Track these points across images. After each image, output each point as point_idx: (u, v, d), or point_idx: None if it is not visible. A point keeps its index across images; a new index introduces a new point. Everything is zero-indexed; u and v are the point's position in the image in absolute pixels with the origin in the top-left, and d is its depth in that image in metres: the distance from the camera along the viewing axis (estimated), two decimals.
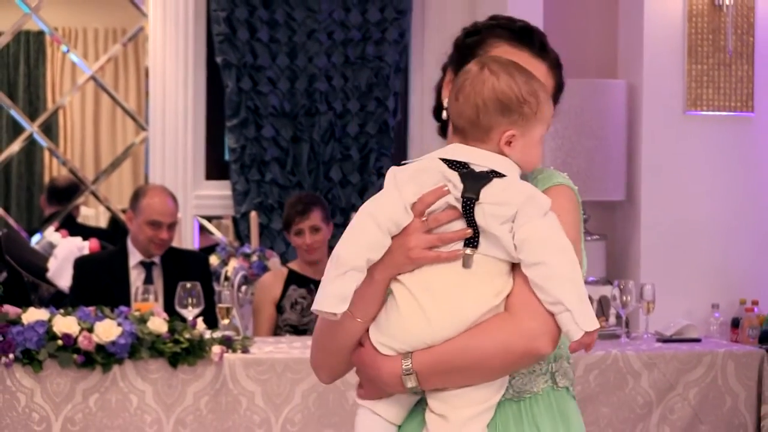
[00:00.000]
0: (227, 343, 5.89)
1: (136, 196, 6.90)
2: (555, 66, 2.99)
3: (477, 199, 2.68)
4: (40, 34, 11.76)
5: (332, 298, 2.69)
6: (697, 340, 6.66)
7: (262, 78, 7.94)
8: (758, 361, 6.30)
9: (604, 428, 6.16)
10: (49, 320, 5.74)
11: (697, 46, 7.89)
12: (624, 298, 6.63)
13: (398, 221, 2.72)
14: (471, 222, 2.69)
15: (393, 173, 2.78)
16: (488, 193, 2.68)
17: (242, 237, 7.92)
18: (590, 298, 6.95)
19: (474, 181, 2.70)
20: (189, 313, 6.00)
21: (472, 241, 2.69)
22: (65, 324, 5.72)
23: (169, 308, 6.15)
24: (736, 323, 7.75)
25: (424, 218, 2.72)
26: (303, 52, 7.98)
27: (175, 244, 7.33)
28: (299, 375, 5.83)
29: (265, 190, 7.99)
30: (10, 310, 5.82)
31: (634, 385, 6.20)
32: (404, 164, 2.80)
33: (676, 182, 7.82)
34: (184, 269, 6.75)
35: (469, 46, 2.97)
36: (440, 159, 2.75)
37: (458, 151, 2.77)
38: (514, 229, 2.66)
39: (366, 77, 8.06)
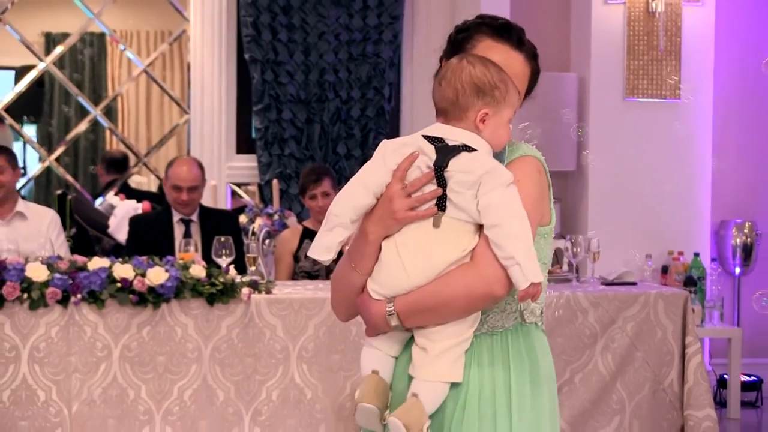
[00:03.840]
0: (254, 285, 5.88)
1: (168, 166, 6.89)
2: (531, 57, 2.96)
3: (446, 167, 2.69)
4: (102, 35, 11.72)
5: (321, 247, 2.78)
6: (634, 284, 6.65)
7: (282, 71, 7.91)
8: (683, 301, 6.30)
9: (559, 355, 6.16)
10: (110, 267, 5.73)
11: (635, 45, 7.87)
12: (575, 249, 6.64)
13: (382, 184, 2.76)
14: (441, 187, 2.70)
15: (381, 146, 2.80)
16: (456, 163, 2.69)
17: (266, 200, 7.91)
18: None
19: (445, 153, 2.71)
20: (223, 261, 5.99)
21: (441, 205, 2.70)
22: (123, 270, 5.72)
23: (207, 257, 6.15)
24: (665, 270, 7.76)
25: (404, 185, 2.73)
26: (315, 50, 7.95)
27: (212, 205, 7.33)
28: (312, 312, 5.84)
29: (285, 162, 7.97)
30: (78, 258, 5.81)
31: (583, 320, 6.20)
32: (393, 140, 2.82)
33: (617, 156, 7.82)
34: (218, 225, 6.75)
35: (459, 41, 2.95)
36: (421, 135, 2.76)
37: (437, 129, 2.77)
38: (478, 197, 2.66)
39: (366, 71, 8.04)
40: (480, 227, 2.70)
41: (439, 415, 2.80)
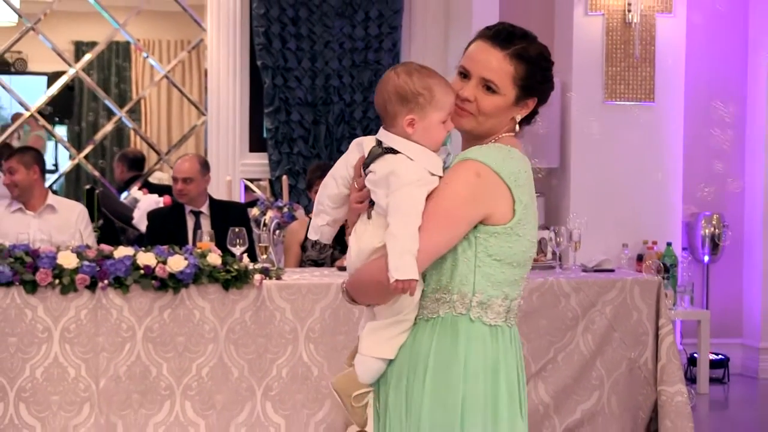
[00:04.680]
0: (265, 272, 5.88)
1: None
2: (514, 55, 2.83)
3: (368, 168, 2.74)
4: (127, 44, 11.72)
5: (311, 229, 2.95)
6: (612, 271, 6.65)
7: (291, 77, 7.91)
8: (656, 286, 6.30)
9: (543, 335, 6.17)
10: (134, 255, 5.73)
11: (613, 52, 7.87)
12: (558, 239, 6.63)
13: (345, 177, 2.83)
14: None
15: (352, 143, 2.86)
16: (375, 164, 2.72)
17: (276, 194, 7.91)
18: None
19: (372, 156, 2.75)
20: (237, 250, 5.99)
21: (371, 200, 2.74)
22: (146, 258, 5.72)
23: (221, 246, 6.15)
24: (640, 258, 7.76)
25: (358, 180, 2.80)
26: (321, 57, 7.94)
27: (226, 199, 7.33)
28: (318, 296, 5.84)
29: (293, 160, 7.97)
30: (105, 247, 5.82)
31: (565, 303, 6.19)
32: (358, 138, 2.87)
33: (596, 154, 7.82)
34: (227, 216, 6.78)
35: (467, 47, 2.90)
36: (376, 137, 2.79)
37: (381, 133, 2.79)
38: (387, 196, 2.68)
39: (368, 76, 8.03)
40: None
41: (382, 387, 2.81)
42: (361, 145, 2.80)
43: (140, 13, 8.56)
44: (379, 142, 2.75)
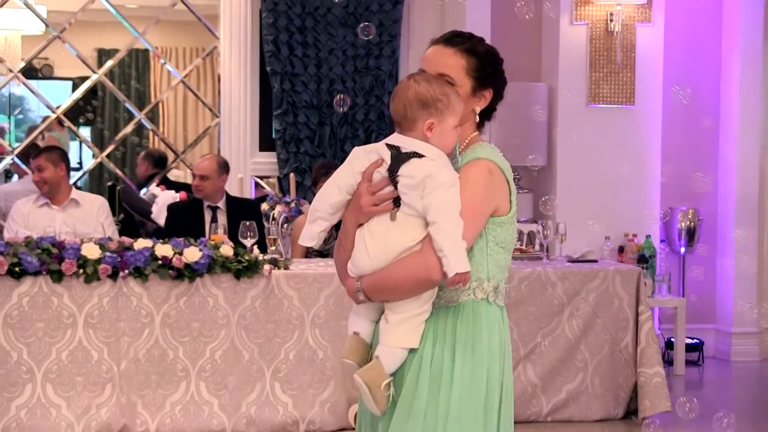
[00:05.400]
0: (274, 262, 5.88)
1: None
2: (464, 50, 2.85)
3: (397, 172, 2.72)
4: (146, 51, 11.72)
5: (306, 236, 2.86)
6: (595, 261, 6.65)
7: (298, 81, 7.89)
8: (636, 275, 6.30)
9: (532, 321, 6.17)
10: (153, 247, 5.73)
11: (596, 59, 7.86)
12: (545, 232, 6.63)
13: (350, 185, 2.80)
14: (394, 188, 2.73)
15: (352, 152, 2.84)
16: (404, 168, 2.72)
17: (284, 190, 7.90)
18: (521, 232, 6.97)
19: (398, 160, 2.73)
20: (248, 242, 5.98)
21: (396, 202, 2.73)
22: (164, 249, 5.72)
23: (233, 238, 6.15)
24: (621, 249, 7.76)
25: (370, 184, 2.76)
26: (326, 64, 7.93)
27: (238, 195, 7.32)
28: (323, 285, 5.84)
29: (300, 159, 7.95)
30: (126, 240, 5.82)
31: (552, 291, 6.20)
32: (360, 147, 2.85)
33: (581, 153, 7.82)
34: (241, 211, 6.77)
35: (426, 51, 2.93)
36: (385, 143, 2.78)
37: (396, 138, 2.79)
38: (423, 197, 2.68)
39: (369, 81, 8.01)
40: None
41: (400, 377, 2.79)
42: (373, 152, 2.79)
43: (158, 22, 8.54)
44: (394, 147, 2.75)
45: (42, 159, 6.72)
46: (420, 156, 2.72)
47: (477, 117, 2.89)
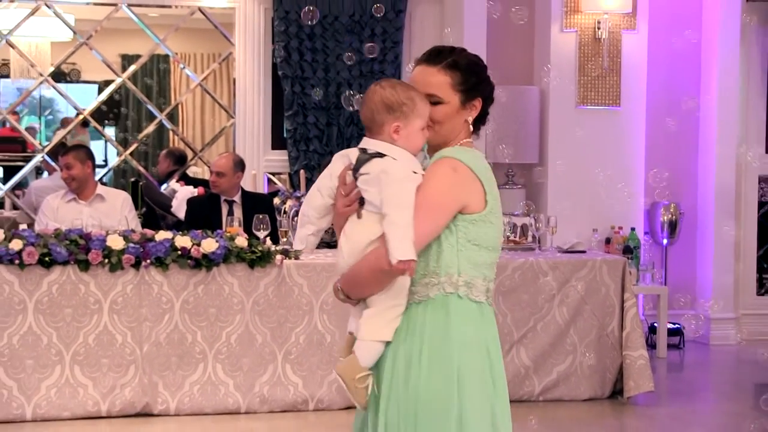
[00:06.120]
0: (285, 253, 5.88)
1: None
2: (446, 67, 2.77)
3: (358, 172, 2.68)
4: (166, 56, 11.70)
5: (297, 239, 2.82)
6: (584, 252, 6.64)
7: (307, 85, 7.88)
8: (622, 265, 6.29)
9: (524, 308, 6.16)
10: (173, 238, 5.73)
11: (585, 64, 7.84)
12: (537, 224, 6.62)
13: (330, 188, 2.75)
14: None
15: (334, 157, 2.79)
16: (365, 168, 2.66)
17: (295, 186, 7.88)
18: (515, 224, 6.92)
19: (360, 161, 2.68)
20: (261, 234, 5.97)
21: (361, 201, 2.67)
22: (183, 240, 5.71)
23: (248, 231, 6.14)
24: (608, 241, 7.74)
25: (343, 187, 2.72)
26: (333, 68, 7.91)
27: (252, 190, 7.31)
28: (331, 273, 5.83)
29: (309, 156, 7.94)
30: (148, 232, 5.81)
31: (543, 280, 6.18)
32: (341, 151, 2.79)
33: (571, 151, 7.80)
34: (255, 205, 6.75)
35: (412, 72, 2.87)
36: (357, 147, 2.74)
37: (365, 141, 2.74)
38: (380, 192, 2.62)
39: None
40: None
41: (380, 371, 2.71)
42: (345, 156, 2.75)
43: (178, 30, 8.52)
44: (363, 150, 2.71)
45: (70, 157, 6.71)
46: (381, 156, 2.67)
47: (471, 126, 2.81)
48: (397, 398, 2.66)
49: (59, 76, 10.79)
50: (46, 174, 9.48)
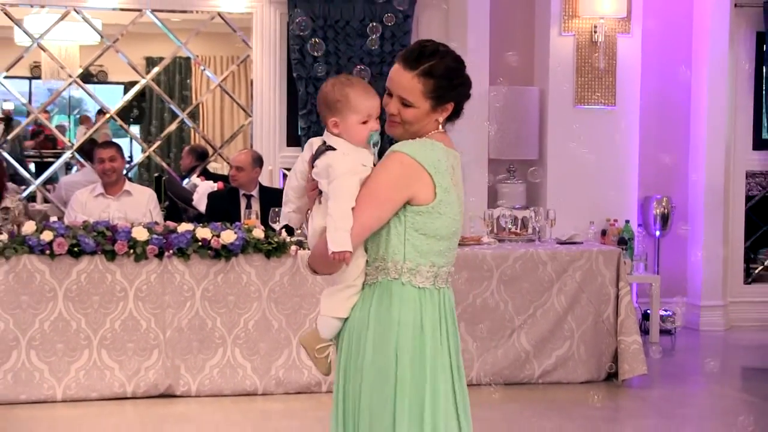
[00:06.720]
0: (299, 244, 5.86)
1: None
2: (421, 74, 2.74)
3: (313, 163, 2.73)
4: (188, 59, 11.70)
5: (282, 216, 2.92)
6: (580, 243, 6.62)
7: (320, 85, 7.86)
8: (617, 255, 6.27)
9: (525, 296, 6.15)
10: (194, 230, 5.72)
11: (582, 65, 7.81)
12: (537, 217, 6.60)
13: (302, 170, 2.80)
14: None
15: (306, 143, 2.82)
16: (318, 161, 2.71)
17: None
18: (516, 217, 6.89)
19: (317, 153, 2.73)
20: (276, 226, 5.97)
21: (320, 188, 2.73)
22: (203, 232, 5.71)
23: (264, 223, 6.13)
24: (604, 233, 7.71)
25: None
26: (345, 70, 7.89)
27: (269, 185, 7.31)
28: None
29: None
30: (170, 224, 5.81)
31: (543, 270, 6.17)
32: (313, 138, 2.83)
33: (568, 148, 7.77)
34: (272, 199, 6.73)
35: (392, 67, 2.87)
36: (322, 138, 2.78)
37: (325, 134, 2.78)
38: (328, 184, 2.67)
39: (382, 86, 7.94)
40: None
41: (339, 343, 2.79)
42: (312, 144, 2.78)
43: (199, 33, 8.51)
44: (323, 142, 2.75)
45: (114, 150, 6.71)
46: (333, 149, 2.70)
47: (441, 125, 2.79)
48: (352, 371, 2.74)
49: (87, 77, 10.78)
50: (75, 169, 9.48)
